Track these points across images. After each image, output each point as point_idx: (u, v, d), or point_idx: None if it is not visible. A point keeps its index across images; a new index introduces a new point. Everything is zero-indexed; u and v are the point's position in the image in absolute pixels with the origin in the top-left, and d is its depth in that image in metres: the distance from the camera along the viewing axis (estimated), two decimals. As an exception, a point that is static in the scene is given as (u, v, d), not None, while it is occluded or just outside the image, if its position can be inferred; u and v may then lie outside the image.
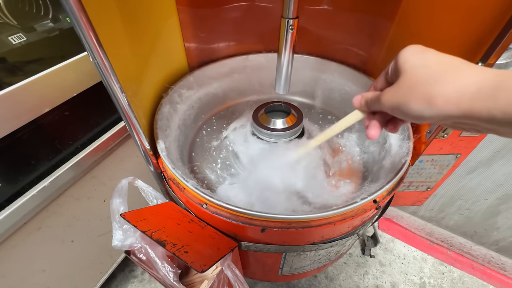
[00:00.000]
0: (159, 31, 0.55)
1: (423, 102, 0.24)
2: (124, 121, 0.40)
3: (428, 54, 0.26)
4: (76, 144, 0.63)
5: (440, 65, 0.24)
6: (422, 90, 0.24)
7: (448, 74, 0.23)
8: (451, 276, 1.11)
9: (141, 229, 0.34)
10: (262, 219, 0.37)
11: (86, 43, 0.30)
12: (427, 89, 0.24)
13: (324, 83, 0.76)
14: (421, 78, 0.25)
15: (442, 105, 0.23)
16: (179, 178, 0.41)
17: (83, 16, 0.28)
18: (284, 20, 0.43)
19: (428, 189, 0.66)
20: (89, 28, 0.30)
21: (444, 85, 0.23)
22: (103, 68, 0.33)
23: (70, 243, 0.68)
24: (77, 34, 0.30)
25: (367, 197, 0.39)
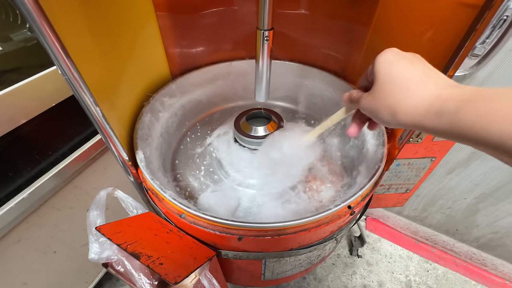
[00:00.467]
0: (137, 39, 0.54)
1: (389, 112, 0.28)
2: (100, 134, 0.40)
3: (399, 64, 0.28)
4: (56, 154, 0.62)
5: (406, 79, 0.27)
6: (389, 102, 0.28)
7: (409, 90, 0.26)
8: (435, 273, 1.14)
9: (117, 242, 0.34)
10: (238, 228, 0.38)
11: (52, 56, 0.30)
12: (392, 102, 0.27)
13: (306, 89, 0.77)
14: (389, 90, 0.28)
15: (402, 117, 0.26)
16: (157, 189, 0.42)
17: (46, 26, 0.28)
18: (260, 31, 0.44)
19: (407, 191, 0.68)
20: (55, 39, 0.29)
21: (405, 99, 0.26)
22: (73, 81, 0.33)
23: (52, 254, 0.67)
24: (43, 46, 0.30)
25: (340, 204, 0.40)
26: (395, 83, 0.27)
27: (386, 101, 0.28)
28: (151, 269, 0.31)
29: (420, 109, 0.25)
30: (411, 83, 0.26)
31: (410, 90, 0.26)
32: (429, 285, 1.10)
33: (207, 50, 0.73)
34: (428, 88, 0.25)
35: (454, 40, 0.37)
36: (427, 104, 0.24)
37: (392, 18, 0.55)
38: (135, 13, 0.53)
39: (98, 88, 0.40)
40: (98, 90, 0.39)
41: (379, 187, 0.67)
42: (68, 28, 0.35)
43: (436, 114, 0.23)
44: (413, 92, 0.26)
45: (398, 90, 0.27)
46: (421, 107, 0.25)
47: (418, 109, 0.25)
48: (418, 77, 0.26)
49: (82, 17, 0.38)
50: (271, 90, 0.81)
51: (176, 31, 0.65)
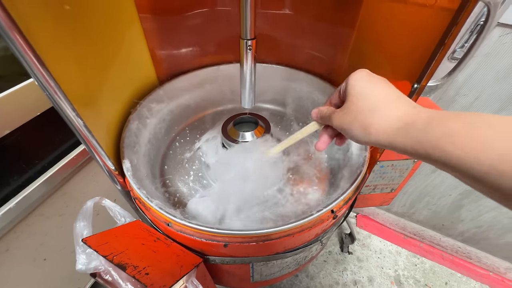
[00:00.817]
0: (120, 43, 0.54)
1: (362, 130, 0.28)
2: (83, 145, 0.40)
3: (372, 84, 0.29)
4: (43, 162, 0.62)
5: (378, 98, 0.28)
6: (362, 119, 0.28)
7: (381, 109, 0.27)
8: (423, 267, 1.18)
9: (103, 253, 0.34)
10: (224, 236, 0.39)
11: (27, 66, 0.30)
12: (365, 119, 0.28)
13: (294, 92, 0.78)
14: (362, 108, 0.29)
15: (374, 134, 0.27)
16: (143, 198, 0.42)
17: (17, 35, 0.28)
18: (243, 41, 0.45)
19: (392, 190, 0.71)
20: (28, 48, 0.29)
21: (377, 116, 0.27)
22: (51, 91, 0.33)
23: (42, 261, 0.67)
24: (15, 55, 0.30)
25: (322, 209, 0.41)
26: (368, 101, 0.28)
27: (359, 119, 0.28)
28: (137, 280, 0.31)
29: (392, 128, 0.26)
30: (384, 103, 0.27)
31: (383, 109, 0.27)
32: (417, 279, 1.14)
33: (194, 54, 0.73)
34: (400, 108, 0.26)
35: (432, 42, 0.38)
36: (398, 123, 0.25)
37: (375, 21, 0.56)
38: (116, 16, 0.52)
39: (78, 98, 0.40)
40: (78, 99, 0.39)
41: (365, 188, 0.69)
42: (42, 36, 0.34)
43: (405, 133, 0.24)
44: (385, 111, 0.27)
45: (372, 108, 0.28)
46: (393, 126, 0.26)
47: (390, 127, 0.26)
48: (390, 97, 0.27)
49: (56, 23, 0.37)
50: (260, 93, 0.82)
51: (161, 35, 0.65)
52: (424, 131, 0.23)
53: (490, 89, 0.68)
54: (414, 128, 0.24)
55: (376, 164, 0.61)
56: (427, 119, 0.23)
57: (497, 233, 0.99)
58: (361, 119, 0.28)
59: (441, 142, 0.21)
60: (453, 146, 0.20)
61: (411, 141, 0.24)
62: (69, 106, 0.37)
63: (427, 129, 0.22)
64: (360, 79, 0.30)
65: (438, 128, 0.22)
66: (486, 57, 0.62)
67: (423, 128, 0.23)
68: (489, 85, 0.67)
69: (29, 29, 0.29)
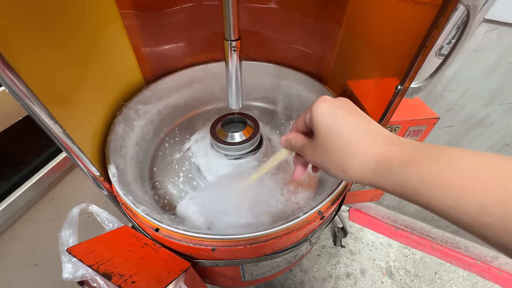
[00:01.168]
0: (100, 42, 0.51)
1: (338, 169, 0.27)
2: (65, 152, 0.39)
3: (338, 117, 0.27)
4: (29, 167, 0.61)
5: (347, 136, 0.26)
6: (335, 158, 0.27)
7: (352, 147, 0.26)
8: (413, 258, 1.21)
9: (88, 263, 0.34)
10: (211, 240, 0.39)
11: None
12: (340, 159, 0.27)
13: (284, 89, 0.78)
14: (333, 147, 0.27)
15: (353, 174, 0.26)
16: (130, 205, 0.42)
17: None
18: (227, 42, 0.44)
19: (381, 186, 0.72)
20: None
21: (351, 158, 0.26)
22: (23, 98, 0.32)
23: (33, 266, 0.67)
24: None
25: (309, 211, 0.41)
26: (337, 139, 0.26)
27: (332, 158, 0.27)
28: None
29: (368, 168, 0.25)
30: (354, 139, 0.26)
31: (355, 147, 0.26)
32: (408, 269, 1.17)
33: (181, 53, 0.72)
34: (372, 146, 0.25)
35: (417, 40, 0.37)
36: (374, 163, 0.24)
37: (362, 17, 0.55)
38: (94, 13, 0.49)
39: (55, 102, 0.38)
40: (55, 104, 0.38)
41: (354, 185, 0.70)
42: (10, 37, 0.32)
43: (382, 174, 0.23)
44: (358, 150, 0.25)
45: (343, 147, 0.26)
46: (368, 166, 0.25)
47: (366, 166, 0.25)
48: (359, 134, 0.26)
49: (27, 23, 0.35)
50: (249, 91, 0.81)
51: (145, 33, 0.63)
52: (401, 176, 0.22)
53: (477, 84, 0.69)
54: (389, 172, 0.23)
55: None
56: (401, 163, 0.22)
57: (484, 223, 1.02)
58: (335, 160, 0.27)
59: (420, 191, 0.20)
60: (431, 196, 0.20)
61: (390, 183, 0.23)
62: (45, 113, 0.36)
63: (404, 175, 0.22)
64: (323, 114, 0.28)
65: (415, 176, 0.21)
66: (473, 52, 0.62)
67: (399, 172, 0.22)
68: (476, 80, 0.68)
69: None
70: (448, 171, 0.19)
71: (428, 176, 0.20)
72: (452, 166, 0.19)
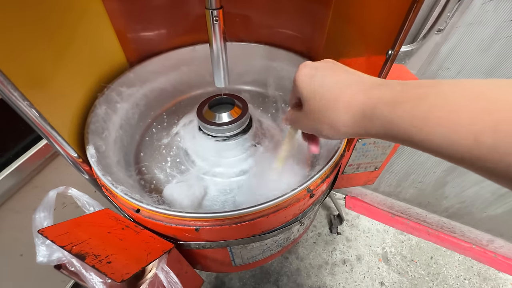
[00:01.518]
0: (79, 24, 0.49)
1: (330, 128, 0.27)
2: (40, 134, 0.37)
3: (320, 77, 0.27)
4: (7, 154, 0.58)
5: (330, 92, 0.26)
6: (326, 119, 0.27)
7: (337, 102, 0.25)
8: (409, 243, 1.21)
9: (60, 244, 0.32)
10: (195, 219, 0.37)
11: None
12: (327, 117, 0.26)
13: (275, 71, 0.75)
14: (319, 108, 0.27)
15: (343, 129, 0.26)
16: (108, 185, 0.40)
17: None
18: (208, 11, 0.41)
19: (376, 169, 0.70)
20: None
21: (337, 113, 0.25)
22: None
23: (19, 257, 0.65)
24: None
25: (297, 188, 0.40)
26: (323, 98, 0.26)
27: (321, 119, 0.27)
28: (97, 269, 0.29)
29: (357, 117, 0.24)
30: (337, 95, 0.25)
31: (339, 102, 0.25)
32: (404, 255, 1.17)
33: (166, 34, 0.69)
34: (355, 95, 0.24)
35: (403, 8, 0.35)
36: (361, 111, 0.24)
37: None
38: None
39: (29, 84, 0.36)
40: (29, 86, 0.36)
41: (348, 167, 0.68)
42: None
43: (371, 121, 0.23)
44: (343, 103, 0.25)
45: (328, 105, 0.26)
46: (356, 115, 0.24)
47: (355, 117, 0.24)
48: (343, 85, 0.25)
49: None
50: (240, 75, 0.79)
51: (127, 14, 0.60)
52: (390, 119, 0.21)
53: (474, 61, 0.66)
54: (378, 117, 0.22)
55: (358, 142, 0.60)
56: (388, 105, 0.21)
57: (480, 207, 1.01)
58: (324, 120, 0.27)
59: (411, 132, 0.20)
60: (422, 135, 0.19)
61: (381, 128, 0.22)
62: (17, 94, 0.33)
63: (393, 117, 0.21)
64: (304, 79, 0.28)
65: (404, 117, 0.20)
66: (469, 26, 0.59)
67: (388, 115, 0.21)
68: (473, 57, 0.66)
69: None
70: (437, 108, 0.18)
71: (417, 116, 0.19)
72: (440, 102, 0.18)
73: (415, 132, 0.19)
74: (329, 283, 1.08)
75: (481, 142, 0.16)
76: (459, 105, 0.17)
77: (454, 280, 1.09)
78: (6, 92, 0.31)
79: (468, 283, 1.08)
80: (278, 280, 1.08)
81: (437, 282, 1.08)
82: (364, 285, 1.07)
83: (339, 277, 1.10)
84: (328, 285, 1.08)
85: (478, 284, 1.08)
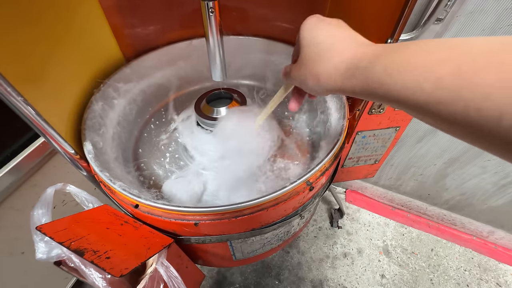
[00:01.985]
0: (73, 21, 0.49)
1: (314, 78, 0.26)
2: (36, 131, 0.37)
3: (319, 29, 0.27)
4: (5, 152, 0.58)
5: (326, 42, 0.26)
6: (312, 67, 0.27)
7: (329, 52, 0.25)
8: (410, 236, 1.21)
9: (59, 240, 0.32)
10: (194, 214, 0.37)
11: None
12: (315, 66, 0.26)
13: (273, 65, 0.74)
14: (312, 56, 0.27)
15: (325, 81, 0.25)
16: (106, 181, 0.39)
17: None
18: (203, 2, 0.40)
19: (376, 161, 0.70)
20: None
21: (325, 63, 0.25)
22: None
23: (20, 255, 0.65)
24: None
25: (297, 180, 0.39)
26: (316, 47, 0.26)
27: (310, 68, 0.27)
28: (95, 265, 0.29)
29: (340, 70, 0.24)
30: (330, 46, 0.25)
31: (330, 52, 0.25)
32: (404, 247, 1.17)
33: (162, 28, 0.68)
34: (346, 49, 0.24)
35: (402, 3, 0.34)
36: (345, 64, 0.23)
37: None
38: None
39: (23, 80, 0.36)
40: (24, 82, 0.35)
41: (348, 160, 0.68)
42: None
43: (352, 74, 0.23)
44: (332, 55, 0.25)
45: (319, 54, 0.26)
46: (340, 68, 0.24)
47: (338, 71, 0.24)
48: (337, 39, 0.25)
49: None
50: (237, 69, 0.78)
51: (122, 9, 0.59)
52: (368, 72, 0.21)
53: (474, 52, 0.65)
54: (358, 70, 0.22)
55: (357, 135, 0.59)
56: (370, 58, 0.21)
57: (480, 199, 1.01)
58: (311, 69, 0.26)
59: (384, 80, 0.19)
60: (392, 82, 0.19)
61: (359, 82, 0.22)
62: (12, 91, 0.33)
63: (371, 70, 0.21)
64: (308, 27, 0.28)
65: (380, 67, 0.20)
66: (470, 15, 0.58)
67: (367, 68, 0.21)
68: (473, 47, 0.65)
69: None
70: (410, 54, 0.18)
71: (391, 64, 0.19)
72: (416, 50, 0.18)
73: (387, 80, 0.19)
74: (330, 276, 1.09)
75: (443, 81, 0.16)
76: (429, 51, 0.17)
77: (454, 271, 1.10)
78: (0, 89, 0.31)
79: (468, 274, 1.09)
80: (280, 274, 1.09)
81: (437, 274, 1.09)
82: (365, 278, 1.08)
83: (340, 270, 1.10)
84: (329, 278, 1.08)
85: (479, 275, 1.09)
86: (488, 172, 0.90)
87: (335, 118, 0.53)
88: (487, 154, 0.86)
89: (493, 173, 0.89)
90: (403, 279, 1.08)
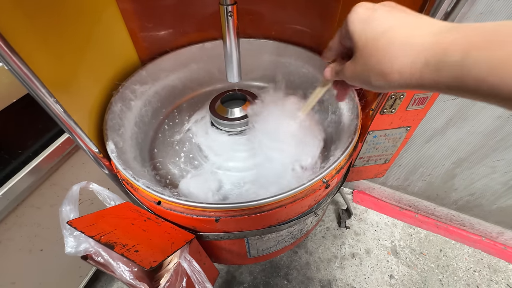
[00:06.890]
0: (96, 26, 0.51)
1: (381, 76, 0.24)
2: (65, 130, 0.38)
3: (373, 21, 0.24)
4: (27, 152, 0.60)
5: (390, 33, 0.23)
6: (377, 64, 0.24)
7: (394, 47, 0.22)
8: (418, 236, 1.21)
9: (89, 234, 0.33)
10: (215, 210, 0.38)
11: None
12: (380, 64, 0.24)
13: (283, 67, 0.76)
14: (374, 51, 0.24)
15: (396, 79, 0.23)
16: (130, 179, 0.41)
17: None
18: (222, 7, 0.42)
19: (386, 161, 0.70)
20: None
21: (393, 59, 0.22)
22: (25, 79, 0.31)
23: (39, 252, 0.67)
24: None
25: (314, 178, 0.40)
26: (377, 42, 0.23)
27: (372, 65, 0.24)
28: (126, 257, 0.31)
29: (417, 65, 0.21)
30: (397, 37, 0.22)
31: (397, 45, 0.22)
32: (413, 248, 1.17)
33: (176, 32, 0.70)
34: (418, 40, 0.21)
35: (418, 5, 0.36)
36: (424, 58, 0.21)
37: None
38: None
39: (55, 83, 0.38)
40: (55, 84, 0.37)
41: (358, 160, 0.68)
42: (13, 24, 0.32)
43: (436, 69, 0.20)
44: (402, 47, 0.22)
45: (384, 48, 0.23)
46: (417, 62, 0.21)
47: (415, 64, 0.21)
48: (404, 27, 0.22)
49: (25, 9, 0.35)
50: (248, 71, 0.79)
51: (139, 14, 0.61)
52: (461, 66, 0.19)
53: (483, 52, 0.66)
54: (446, 63, 0.19)
55: (368, 134, 0.60)
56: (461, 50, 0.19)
57: (489, 199, 1.01)
58: (375, 65, 0.24)
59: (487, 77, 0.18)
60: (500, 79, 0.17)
61: (447, 77, 0.20)
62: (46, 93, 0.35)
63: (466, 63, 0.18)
64: (358, 19, 0.25)
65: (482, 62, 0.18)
66: (480, 16, 0.59)
67: (459, 61, 0.19)
68: (482, 48, 0.65)
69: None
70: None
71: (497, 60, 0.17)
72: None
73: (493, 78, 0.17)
74: (339, 277, 1.09)
75: None
76: None
77: (464, 272, 1.09)
78: (36, 90, 0.32)
79: (478, 275, 1.08)
80: (288, 274, 1.09)
81: (447, 275, 1.09)
82: (374, 278, 1.08)
83: (348, 271, 1.10)
84: (338, 278, 1.09)
85: (489, 276, 1.08)
86: (497, 172, 0.90)
87: (347, 118, 0.54)
88: (497, 154, 0.86)
89: (502, 173, 0.89)
90: (412, 280, 1.07)
